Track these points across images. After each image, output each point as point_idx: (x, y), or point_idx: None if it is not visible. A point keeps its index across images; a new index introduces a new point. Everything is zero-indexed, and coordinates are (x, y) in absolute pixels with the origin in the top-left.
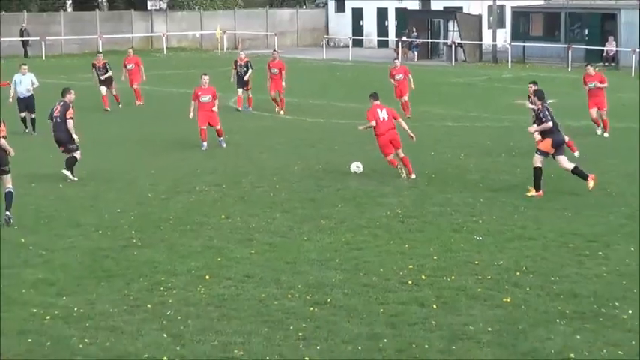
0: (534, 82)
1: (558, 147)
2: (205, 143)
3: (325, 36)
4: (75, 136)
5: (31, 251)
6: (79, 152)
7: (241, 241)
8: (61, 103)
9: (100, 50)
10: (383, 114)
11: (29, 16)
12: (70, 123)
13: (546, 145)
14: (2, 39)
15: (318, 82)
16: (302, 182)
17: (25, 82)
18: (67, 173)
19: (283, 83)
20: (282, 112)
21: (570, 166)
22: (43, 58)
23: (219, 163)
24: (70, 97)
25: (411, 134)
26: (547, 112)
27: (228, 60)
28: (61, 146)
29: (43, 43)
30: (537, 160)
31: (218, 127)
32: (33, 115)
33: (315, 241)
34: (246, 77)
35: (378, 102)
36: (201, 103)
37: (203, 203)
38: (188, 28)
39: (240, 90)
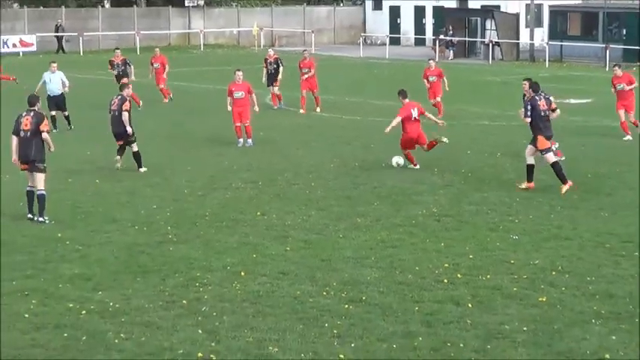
0: (529, 79)
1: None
2: (241, 139)
3: (362, 34)
4: (128, 128)
5: (67, 246)
6: (135, 144)
7: (277, 238)
8: (119, 97)
9: (138, 46)
10: (415, 113)
11: (67, 12)
12: (125, 115)
13: (542, 143)
14: (39, 34)
15: (354, 79)
16: (338, 180)
17: (54, 81)
18: (143, 170)
19: (305, 76)
20: (318, 110)
21: (530, 161)
22: (81, 53)
23: (255, 160)
24: (128, 91)
25: (440, 121)
26: (529, 107)
27: None
28: (120, 139)
29: (80, 38)
30: (549, 158)
31: (247, 124)
32: (66, 113)
33: (350, 239)
34: (280, 76)
35: (408, 100)
36: (235, 100)
37: (239, 200)
38: (225, 24)
39: (271, 88)
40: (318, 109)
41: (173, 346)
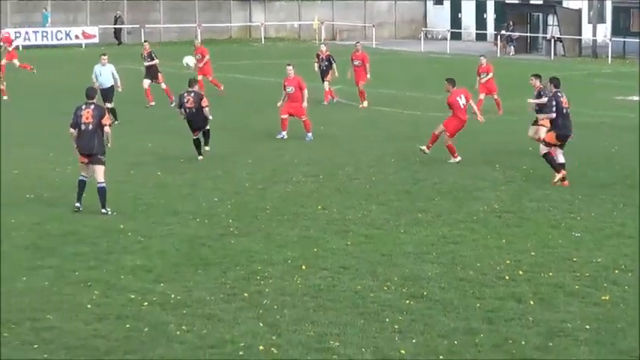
0: (536, 75)
1: (563, 141)
2: (284, 132)
3: (423, 28)
4: (210, 116)
5: (129, 238)
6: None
7: (337, 232)
8: (192, 94)
9: (199, 39)
10: (463, 100)
11: (129, 4)
12: (207, 109)
13: (551, 138)
14: (101, 26)
15: (415, 74)
16: (398, 174)
17: (105, 74)
18: (208, 147)
19: (368, 76)
20: (365, 104)
21: (561, 160)
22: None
23: (316, 154)
24: (198, 87)
25: (480, 117)
26: (554, 103)
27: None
28: (196, 131)
29: (142, 30)
30: (543, 149)
31: (304, 119)
32: (109, 105)
33: (411, 234)
34: (336, 74)
35: (455, 88)
36: (287, 94)
37: (300, 193)
38: (286, 18)
39: (325, 84)
40: (365, 104)
41: (234, 338)
